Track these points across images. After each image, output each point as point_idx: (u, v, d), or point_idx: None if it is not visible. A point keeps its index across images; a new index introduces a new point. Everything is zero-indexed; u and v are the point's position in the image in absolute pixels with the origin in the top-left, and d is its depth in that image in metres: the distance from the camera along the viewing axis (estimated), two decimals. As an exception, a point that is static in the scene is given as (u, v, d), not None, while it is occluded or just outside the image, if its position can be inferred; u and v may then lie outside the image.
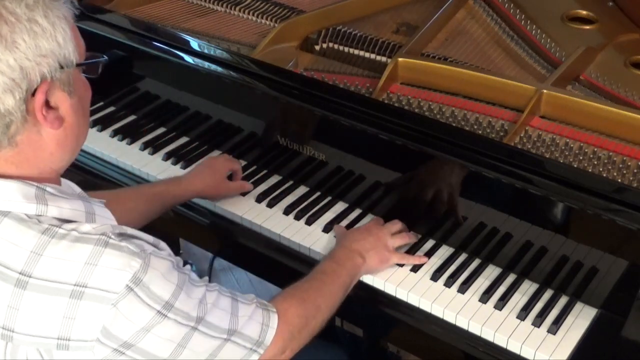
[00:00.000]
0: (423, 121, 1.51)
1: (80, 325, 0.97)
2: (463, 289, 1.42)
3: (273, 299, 1.22)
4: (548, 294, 1.41)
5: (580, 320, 1.36)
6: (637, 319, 1.29)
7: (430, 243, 1.52)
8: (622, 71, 1.63)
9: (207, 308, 1.07)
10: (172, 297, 1.01)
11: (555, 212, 1.37)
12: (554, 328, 1.33)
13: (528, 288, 1.42)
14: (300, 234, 1.56)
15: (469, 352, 1.37)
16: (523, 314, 1.36)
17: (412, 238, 1.51)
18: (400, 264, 1.47)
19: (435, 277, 1.45)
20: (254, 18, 1.91)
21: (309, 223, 1.58)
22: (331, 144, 1.60)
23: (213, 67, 1.69)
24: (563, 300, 1.40)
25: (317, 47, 1.78)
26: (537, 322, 1.35)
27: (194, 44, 1.76)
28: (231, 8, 1.94)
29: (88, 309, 0.96)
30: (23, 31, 0.94)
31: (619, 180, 1.37)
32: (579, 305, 1.39)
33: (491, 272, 1.46)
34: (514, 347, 1.33)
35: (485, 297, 1.40)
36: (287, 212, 1.61)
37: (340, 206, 1.63)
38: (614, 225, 1.28)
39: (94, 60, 1.07)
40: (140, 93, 1.91)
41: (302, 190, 1.67)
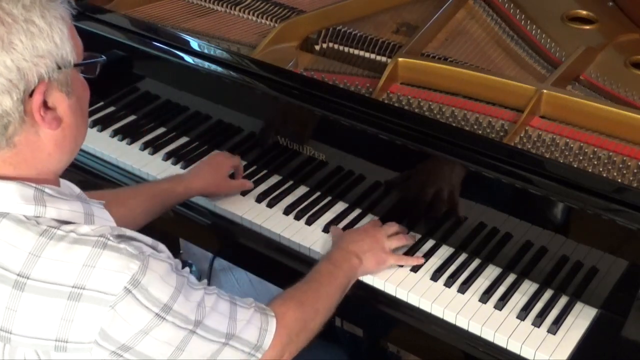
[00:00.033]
0: (423, 121, 1.51)
1: (78, 327, 0.96)
2: (463, 289, 1.42)
3: (271, 303, 1.22)
4: (548, 294, 1.41)
5: (580, 320, 1.36)
6: (637, 319, 1.29)
7: (430, 243, 1.52)
8: (622, 71, 1.63)
9: (206, 311, 1.06)
10: (171, 300, 1.01)
11: (555, 212, 1.37)
12: (554, 328, 1.33)
13: (528, 288, 1.42)
14: (300, 234, 1.56)
15: (469, 352, 1.37)
16: (523, 314, 1.36)
17: (409, 240, 1.51)
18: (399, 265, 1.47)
19: (435, 277, 1.45)
20: (254, 18, 1.91)
21: (309, 223, 1.58)
22: (331, 144, 1.60)
23: (213, 67, 1.69)
24: (563, 300, 1.40)
25: (317, 47, 1.78)
26: (537, 322, 1.35)
27: (194, 44, 1.76)
28: (231, 8, 1.94)
29: (86, 311, 0.96)
30: (20, 32, 0.94)
31: (619, 180, 1.37)
32: (579, 305, 1.39)
33: (491, 272, 1.46)
34: (514, 347, 1.33)
35: (485, 297, 1.40)
36: (287, 212, 1.61)
37: (340, 206, 1.63)
38: (614, 225, 1.28)
39: (92, 60, 1.06)
40: (140, 93, 1.91)
41: (302, 190, 1.67)
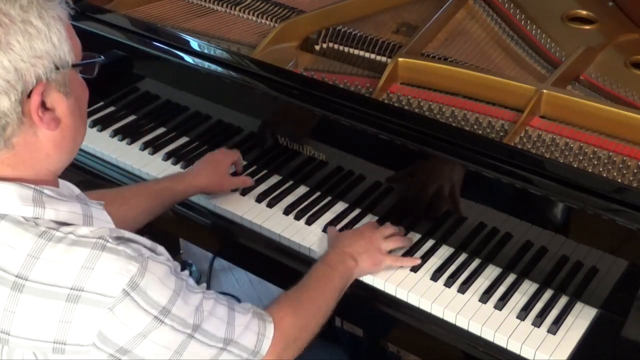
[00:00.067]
0: (423, 121, 1.51)
1: (76, 329, 0.96)
2: (463, 289, 1.42)
3: (268, 307, 1.22)
4: (548, 294, 1.41)
5: (580, 320, 1.36)
6: (637, 319, 1.29)
7: (430, 243, 1.52)
8: (622, 71, 1.63)
9: (204, 316, 1.06)
10: (169, 303, 1.01)
11: (555, 212, 1.37)
12: (554, 328, 1.33)
13: (528, 288, 1.42)
14: (300, 234, 1.56)
15: (469, 352, 1.37)
16: (523, 314, 1.36)
17: (406, 241, 1.50)
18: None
19: (435, 277, 1.45)
20: (254, 18, 1.91)
21: (309, 223, 1.58)
22: (331, 144, 1.60)
23: (213, 67, 1.69)
24: (563, 300, 1.40)
25: (317, 47, 1.78)
26: (537, 322, 1.35)
27: (194, 44, 1.76)
28: (231, 8, 1.95)
29: (84, 313, 0.96)
30: (17, 33, 0.94)
31: (619, 180, 1.37)
32: (579, 305, 1.39)
33: (491, 272, 1.46)
34: (514, 347, 1.33)
35: (485, 297, 1.40)
36: (287, 212, 1.61)
37: (340, 206, 1.63)
38: (614, 225, 1.28)
39: (90, 60, 1.06)
40: (140, 93, 1.91)
41: (302, 190, 1.67)
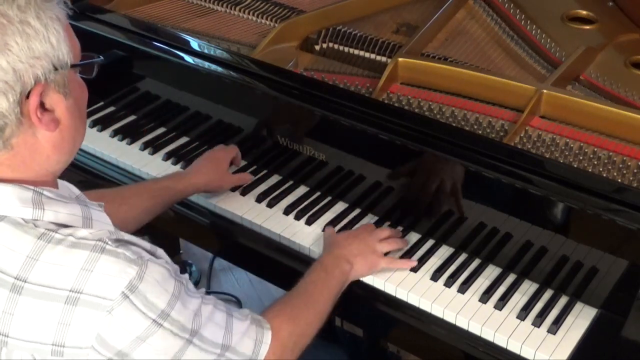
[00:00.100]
0: (423, 121, 1.51)
1: (75, 331, 0.96)
2: (463, 289, 1.42)
3: (266, 314, 1.22)
4: (548, 294, 1.41)
5: (580, 320, 1.36)
6: (637, 319, 1.29)
7: (430, 243, 1.52)
8: (622, 71, 1.63)
9: (202, 321, 1.06)
10: (168, 307, 1.00)
11: (555, 212, 1.37)
12: (554, 328, 1.33)
13: (528, 288, 1.42)
14: (300, 234, 1.56)
15: (469, 352, 1.37)
16: (523, 314, 1.36)
17: (402, 244, 1.50)
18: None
19: (435, 277, 1.45)
20: (254, 18, 1.91)
21: (309, 223, 1.58)
22: (331, 144, 1.60)
23: (213, 67, 1.69)
24: (563, 300, 1.40)
25: (317, 47, 1.78)
26: (537, 322, 1.35)
27: (194, 44, 1.76)
28: (231, 8, 1.94)
29: (83, 316, 0.95)
30: (15, 33, 0.93)
31: (619, 180, 1.37)
32: (579, 305, 1.39)
33: (491, 272, 1.46)
34: (514, 347, 1.33)
35: (485, 297, 1.40)
36: (287, 212, 1.61)
37: (340, 206, 1.63)
38: (614, 225, 1.28)
39: (89, 61, 1.06)
40: (140, 93, 1.91)
41: (302, 190, 1.67)
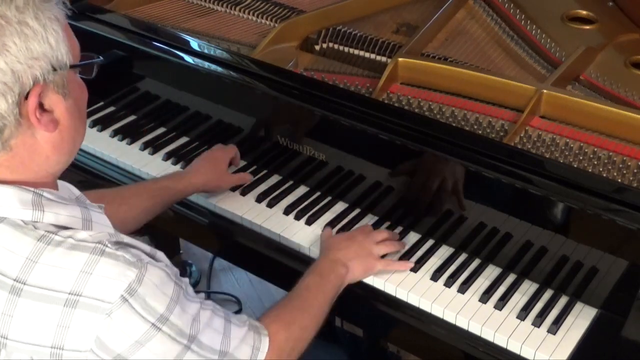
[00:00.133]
0: (423, 121, 1.51)
1: (74, 334, 0.96)
2: (463, 289, 1.42)
3: (263, 320, 1.21)
4: (548, 294, 1.41)
5: (580, 320, 1.36)
6: (637, 319, 1.29)
7: (430, 243, 1.52)
8: (622, 71, 1.63)
9: (200, 327, 1.05)
10: (167, 311, 1.00)
11: (555, 212, 1.37)
12: (554, 328, 1.33)
13: (528, 288, 1.42)
14: (300, 234, 1.56)
15: (469, 352, 1.37)
16: (523, 314, 1.36)
17: (399, 246, 1.49)
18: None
19: (435, 277, 1.45)
20: (254, 18, 1.91)
21: (309, 223, 1.58)
22: (331, 144, 1.60)
23: (213, 67, 1.69)
24: (563, 300, 1.40)
25: (317, 47, 1.78)
26: (537, 322, 1.35)
27: (194, 44, 1.76)
28: (231, 8, 1.94)
29: (82, 318, 0.95)
30: (13, 34, 0.93)
31: (619, 180, 1.37)
32: (579, 305, 1.39)
33: (491, 272, 1.46)
34: (514, 347, 1.33)
35: (485, 297, 1.40)
36: (287, 212, 1.61)
37: (340, 206, 1.63)
38: (614, 225, 1.28)
39: (89, 61, 1.05)
40: (140, 93, 1.91)
41: (302, 190, 1.67)
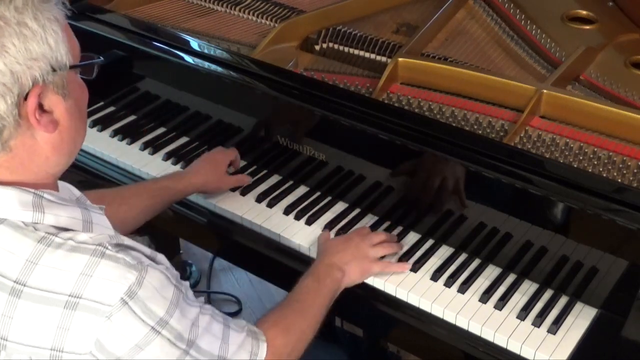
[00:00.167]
0: (423, 121, 1.51)
1: (74, 336, 0.95)
2: (463, 289, 1.42)
3: (260, 325, 1.21)
4: (548, 294, 1.41)
5: (580, 320, 1.36)
6: (637, 319, 1.29)
7: (430, 243, 1.52)
8: (622, 71, 1.63)
9: (199, 331, 1.05)
10: (167, 314, 1.00)
11: (555, 212, 1.37)
12: (554, 328, 1.33)
13: (528, 288, 1.42)
14: (300, 234, 1.56)
15: (469, 352, 1.37)
16: (523, 314, 1.36)
17: (395, 248, 1.49)
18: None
19: (435, 277, 1.45)
20: (254, 18, 1.91)
21: (309, 223, 1.58)
22: (331, 144, 1.60)
23: (213, 67, 1.69)
24: (563, 300, 1.40)
25: (317, 47, 1.78)
26: (537, 322, 1.35)
27: (194, 44, 1.76)
28: (231, 8, 1.94)
29: (82, 321, 0.95)
30: (12, 35, 0.93)
31: (619, 180, 1.37)
32: (579, 305, 1.39)
33: (491, 272, 1.46)
34: (514, 347, 1.33)
35: (485, 297, 1.40)
36: (287, 212, 1.61)
37: (340, 206, 1.63)
38: (614, 225, 1.28)
39: (89, 62, 1.05)
40: (140, 93, 1.91)
41: (302, 190, 1.67)
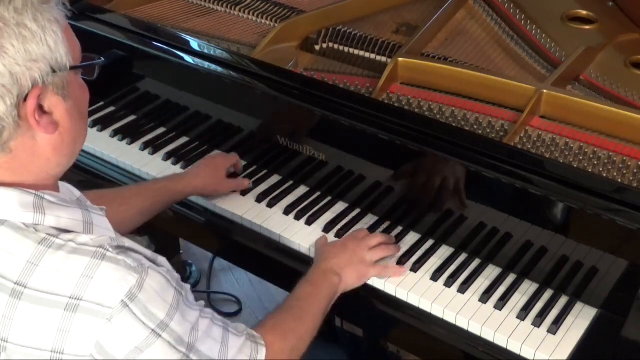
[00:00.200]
0: (423, 121, 1.51)
1: (74, 338, 0.95)
2: (463, 289, 1.42)
3: (259, 329, 1.21)
4: (548, 294, 1.41)
5: (580, 320, 1.36)
6: (637, 319, 1.29)
7: (430, 243, 1.53)
8: (622, 71, 1.63)
9: (199, 335, 1.05)
10: (167, 317, 1.00)
11: (555, 212, 1.37)
12: (554, 328, 1.33)
13: (528, 288, 1.42)
14: (300, 234, 1.56)
15: (469, 352, 1.37)
16: (523, 314, 1.36)
17: (393, 250, 1.49)
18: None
19: (435, 277, 1.45)
20: (254, 18, 1.91)
21: (309, 223, 1.58)
22: (331, 144, 1.60)
23: (213, 67, 1.69)
24: (563, 300, 1.40)
25: (317, 47, 1.78)
26: (537, 322, 1.35)
27: (194, 44, 1.76)
28: (231, 8, 1.94)
29: (82, 323, 0.95)
30: (12, 36, 0.92)
31: (619, 180, 1.37)
32: (579, 305, 1.39)
33: (491, 272, 1.46)
34: (514, 347, 1.33)
35: (485, 297, 1.40)
36: (287, 212, 1.61)
37: (340, 206, 1.63)
38: (614, 225, 1.28)
39: (89, 63, 1.05)
40: (140, 93, 1.91)
41: (302, 190, 1.67)
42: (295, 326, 1.27)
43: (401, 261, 1.48)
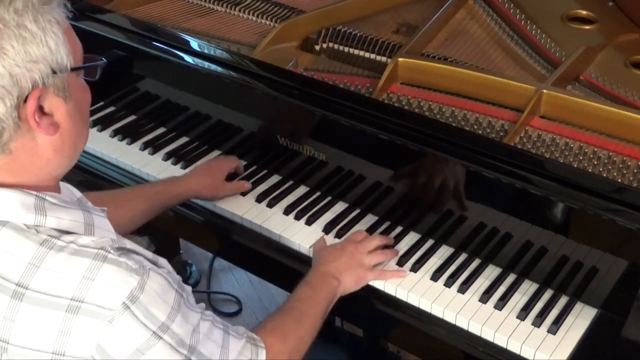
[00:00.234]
0: (423, 121, 1.51)
1: (75, 340, 0.95)
2: (463, 289, 1.42)
3: (259, 332, 1.21)
4: (548, 294, 1.41)
5: (580, 320, 1.36)
6: (637, 319, 1.29)
7: (430, 243, 1.53)
8: (622, 71, 1.63)
9: (199, 338, 1.05)
10: (168, 319, 0.99)
11: (555, 212, 1.37)
12: (554, 328, 1.33)
13: (528, 288, 1.42)
14: (300, 234, 1.56)
15: (469, 352, 1.37)
16: (523, 314, 1.36)
17: (390, 254, 1.48)
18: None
19: (435, 277, 1.45)
20: (254, 18, 1.91)
21: (309, 223, 1.58)
22: (331, 144, 1.60)
23: (213, 67, 1.69)
24: (563, 300, 1.40)
25: (317, 47, 1.78)
26: (537, 322, 1.35)
27: (194, 44, 1.76)
28: (231, 8, 1.94)
29: (83, 325, 0.95)
30: (11, 37, 0.92)
31: (619, 180, 1.37)
32: (579, 305, 1.39)
33: (491, 272, 1.46)
34: (514, 347, 1.33)
35: (485, 297, 1.40)
36: (287, 212, 1.61)
37: (340, 206, 1.63)
38: (614, 225, 1.28)
39: (89, 64, 1.04)
40: (140, 93, 1.91)
41: (302, 190, 1.67)
42: (295, 328, 1.27)
43: (401, 261, 1.48)
